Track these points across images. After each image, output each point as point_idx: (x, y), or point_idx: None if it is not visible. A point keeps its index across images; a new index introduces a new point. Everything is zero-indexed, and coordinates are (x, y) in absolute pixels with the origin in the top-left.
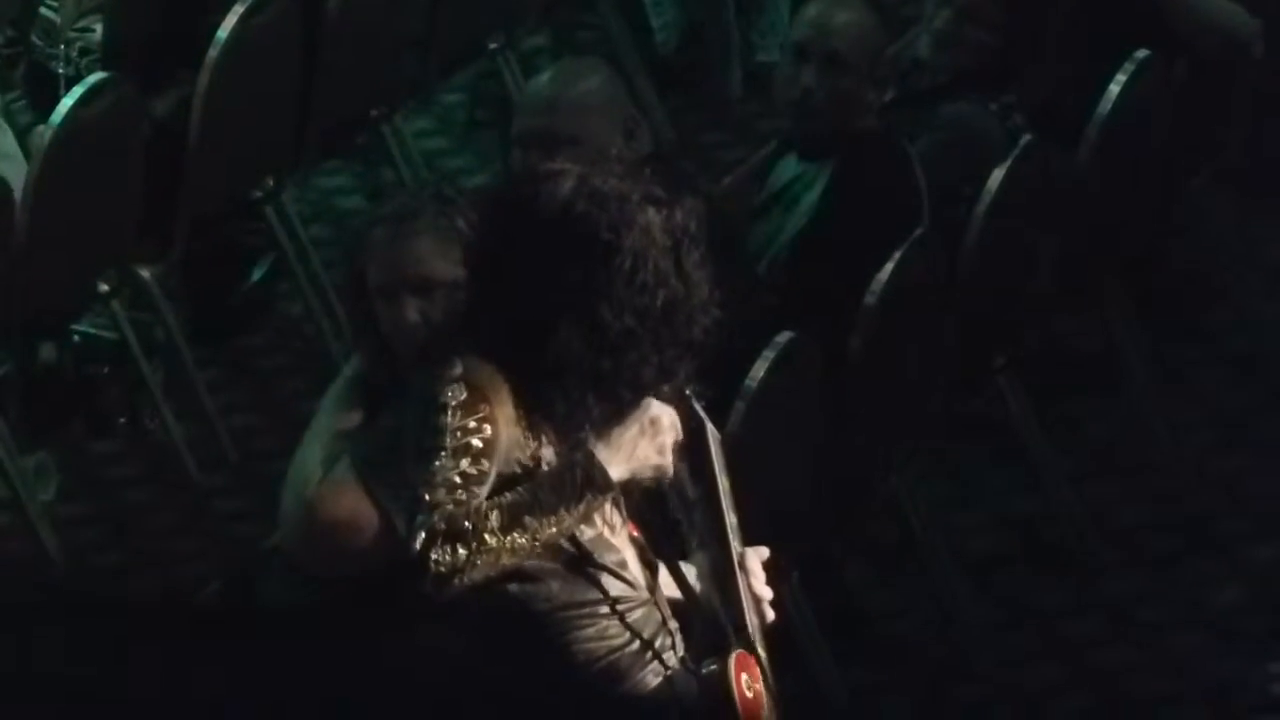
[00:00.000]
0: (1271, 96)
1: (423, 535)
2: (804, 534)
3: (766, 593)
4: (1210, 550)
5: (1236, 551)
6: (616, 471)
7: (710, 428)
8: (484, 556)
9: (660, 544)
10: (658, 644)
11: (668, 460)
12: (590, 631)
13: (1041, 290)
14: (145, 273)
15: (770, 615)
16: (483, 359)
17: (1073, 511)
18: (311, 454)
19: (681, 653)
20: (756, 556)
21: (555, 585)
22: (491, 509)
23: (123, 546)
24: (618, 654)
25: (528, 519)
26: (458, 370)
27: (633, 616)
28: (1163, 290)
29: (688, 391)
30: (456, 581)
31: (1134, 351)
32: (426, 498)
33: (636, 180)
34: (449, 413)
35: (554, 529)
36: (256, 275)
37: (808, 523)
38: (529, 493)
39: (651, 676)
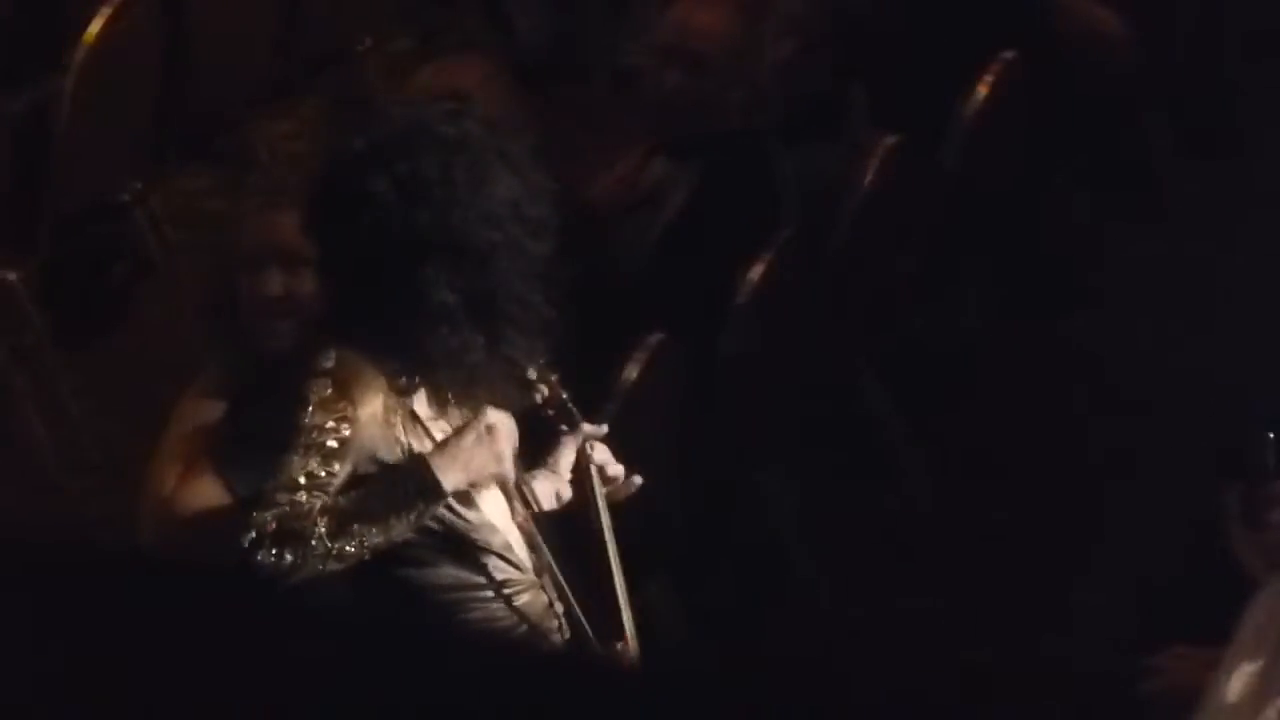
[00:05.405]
0: (1135, 96)
1: (251, 535)
2: (672, 534)
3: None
4: (1074, 548)
5: (1101, 551)
6: (452, 480)
7: (587, 427)
8: (310, 562)
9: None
10: (543, 627)
11: (506, 468)
12: (478, 615)
13: (905, 290)
14: (9, 276)
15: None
16: (359, 351)
17: (937, 510)
18: (167, 453)
19: (568, 635)
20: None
21: (445, 568)
22: (323, 514)
23: None
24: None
25: (356, 527)
26: (328, 364)
27: (519, 600)
28: (1024, 290)
29: (555, 379)
30: (280, 584)
31: (994, 352)
32: (267, 494)
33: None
34: (309, 410)
35: (381, 538)
36: (120, 278)
37: (676, 523)
38: (358, 500)
39: None
